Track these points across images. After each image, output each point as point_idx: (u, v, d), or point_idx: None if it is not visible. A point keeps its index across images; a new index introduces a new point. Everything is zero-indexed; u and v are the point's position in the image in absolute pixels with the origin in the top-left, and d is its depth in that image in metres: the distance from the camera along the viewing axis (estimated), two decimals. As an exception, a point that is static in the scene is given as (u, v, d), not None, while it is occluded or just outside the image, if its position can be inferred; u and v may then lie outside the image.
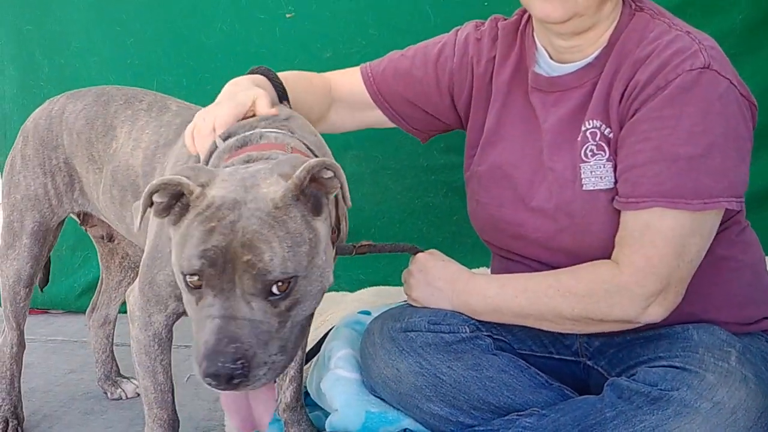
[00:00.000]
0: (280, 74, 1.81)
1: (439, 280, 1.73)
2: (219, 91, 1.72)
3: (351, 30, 2.91)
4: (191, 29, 3.02)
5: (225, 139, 1.56)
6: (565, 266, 1.65)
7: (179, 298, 1.60)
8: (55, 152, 2.03)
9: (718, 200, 1.51)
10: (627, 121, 1.57)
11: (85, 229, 2.25)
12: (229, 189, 1.33)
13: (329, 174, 1.37)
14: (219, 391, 1.29)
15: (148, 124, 1.89)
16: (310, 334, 2.01)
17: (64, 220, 2.11)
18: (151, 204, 1.37)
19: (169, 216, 1.38)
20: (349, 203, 1.44)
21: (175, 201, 1.37)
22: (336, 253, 1.56)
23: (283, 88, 1.79)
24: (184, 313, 1.68)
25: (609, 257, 1.60)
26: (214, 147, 1.57)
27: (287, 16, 2.99)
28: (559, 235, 1.67)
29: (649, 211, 1.52)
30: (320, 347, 2.04)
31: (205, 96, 1.85)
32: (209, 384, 1.26)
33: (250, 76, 1.77)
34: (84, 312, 2.84)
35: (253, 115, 1.62)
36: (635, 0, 1.68)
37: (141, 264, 1.69)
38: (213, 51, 3.00)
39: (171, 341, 1.74)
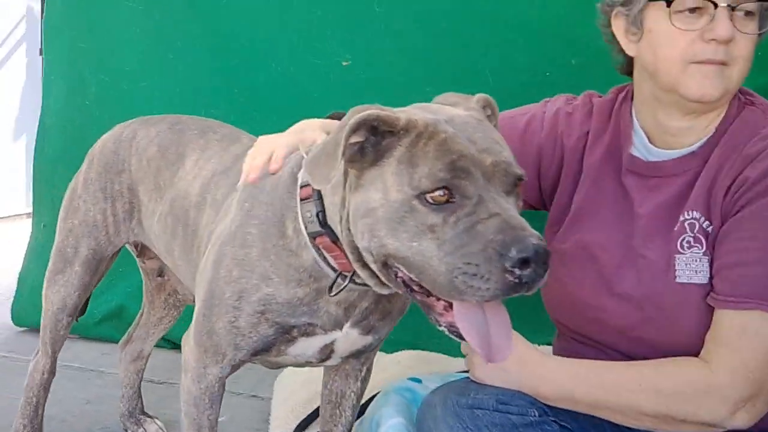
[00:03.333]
0: None
1: (508, 361, 1.66)
2: (265, 132, 1.71)
3: (406, 84, 2.87)
4: (245, 66, 2.98)
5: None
6: (644, 358, 1.59)
7: (238, 347, 1.56)
8: (119, 177, 1.97)
9: None
10: (730, 216, 1.53)
11: (142, 262, 2.18)
12: (426, 114, 1.35)
13: (489, 112, 1.49)
14: (515, 292, 1.23)
15: (215, 154, 1.85)
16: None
17: (119, 250, 2.05)
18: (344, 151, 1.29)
19: (362, 160, 1.32)
20: None
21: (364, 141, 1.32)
22: None
23: None
24: (241, 363, 1.63)
25: (693, 354, 1.55)
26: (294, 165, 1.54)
27: (343, 63, 2.95)
28: (644, 325, 1.61)
29: (749, 312, 1.47)
30: (365, 409, 1.97)
31: (251, 134, 1.85)
32: (519, 276, 1.21)
33: (323, 120, 1.73)
34: (102, 340, 2.78)
35: None
36: (744, 93, 1.65)
37: (196, 312, 1.62)
38: (264, 90, 2.97)
39: (222, 395, 1.67)
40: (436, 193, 1.25)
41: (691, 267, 1.56)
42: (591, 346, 1.72)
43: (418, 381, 2.03)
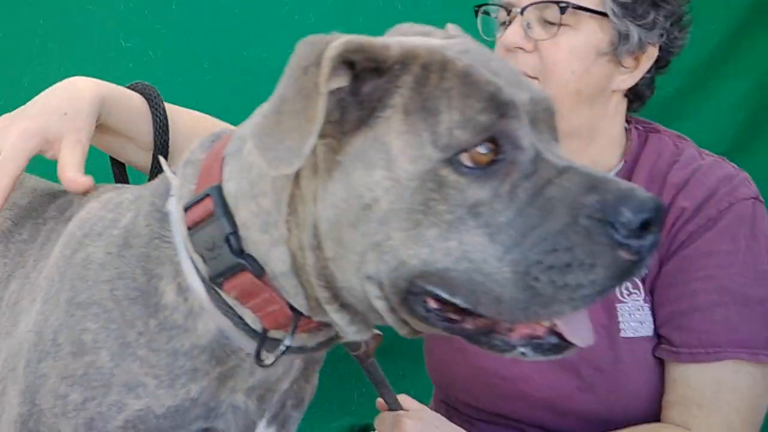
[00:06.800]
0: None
1: None
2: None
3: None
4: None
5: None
6: None
7: None
8: None
9: None
10: (671, 253, 1.31)
11: None
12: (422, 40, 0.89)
13: None
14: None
15: None
16: None
17: None
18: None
19: (340, 121, 0.81)
20: None
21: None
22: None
23: (165, 123, 1.22)
24: None
25: (641, 422, 1.30)
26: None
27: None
28: (580, 394, 1.33)
29: (720, 364, 1.24)
30: None
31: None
32: (639, 250, 0.75)
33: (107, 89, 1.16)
34: None
35: None
36: (642, 122, 1.44)
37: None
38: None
39: None
40: (479, 148, 0.79)
41: (635, 317, 1.31)
42: (502, 426, 1.42)
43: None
